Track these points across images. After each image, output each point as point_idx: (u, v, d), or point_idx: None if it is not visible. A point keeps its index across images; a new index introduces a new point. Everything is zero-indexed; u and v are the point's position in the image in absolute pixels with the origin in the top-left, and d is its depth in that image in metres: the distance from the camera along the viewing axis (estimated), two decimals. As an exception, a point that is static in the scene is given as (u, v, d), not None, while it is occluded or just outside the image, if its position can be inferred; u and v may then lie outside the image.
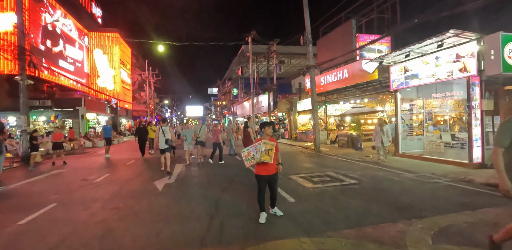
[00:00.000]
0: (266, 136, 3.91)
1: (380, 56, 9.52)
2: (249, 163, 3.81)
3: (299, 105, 19.59)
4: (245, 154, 3.85)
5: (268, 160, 3.75)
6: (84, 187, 6.17)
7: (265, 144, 3.76)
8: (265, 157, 3.73)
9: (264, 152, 3.74)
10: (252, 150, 3.79)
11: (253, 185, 5.89)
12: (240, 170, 8.03)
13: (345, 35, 12.99)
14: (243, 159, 3.83)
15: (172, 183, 6.37)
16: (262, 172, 3.84)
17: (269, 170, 3.84)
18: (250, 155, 3.81)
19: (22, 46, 10.68)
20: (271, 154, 3.76)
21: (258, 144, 3.79)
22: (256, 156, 3.76)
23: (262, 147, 3.75)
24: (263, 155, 3.73)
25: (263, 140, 3.81)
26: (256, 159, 3.75)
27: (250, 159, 3.79)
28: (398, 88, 10.13)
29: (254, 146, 3.80)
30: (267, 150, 3.76)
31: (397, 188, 5.54)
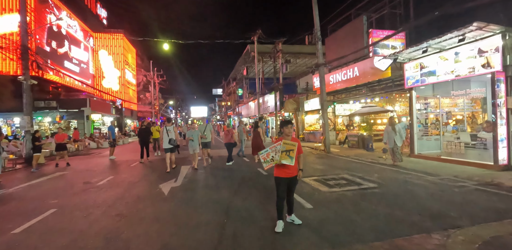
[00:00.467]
0: (286, 136, 3.56)
1: (395, 53, 9.07)
2: (268, 165, 3.45)
3: (307, 105, 19.15)
4: (263, 156, 3.48)
5: (289, 162, 3.38)
6: (86, 190, 5.85)
7: (285, 145, 3.39)
8: (285, 158, 3.37)
9: (285, 153, 3.37)
10: (271, 151, 3.43)
11: (265, 188, 5.57)
12: (249, 172, 7.65)
13: (355, 32, 12.55)
14: (261, 161, 3.47)
15: (179, 186, 6.02)
16: (282, 174, 3.49)
17: (289, 172, 3.49)
18: (269, 156, 3.44)
19: (25, 45, 10.48)
20: (293, 155, 3.40)
21: (277, 145, 3.42)
22: (275, 158, 3.40)
23: (282, 148, 3.38)
24: (283, 156, 3.37)
25: (283, 140, 3.43)
26: (275, 161, 3.40)
27: (269, 161, 3.43)
28: (413, 86, 9.66)
29: (273, 146, 3.45)
30: (288, 150, 3.39)
31: (421, 192, 5.10)
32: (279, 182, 3.53)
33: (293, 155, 3.40)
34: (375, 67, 11.06)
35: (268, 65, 30.31)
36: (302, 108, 19.97)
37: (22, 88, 10.65)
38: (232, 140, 9.34)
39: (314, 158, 10.33)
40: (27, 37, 10.64)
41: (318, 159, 10.08)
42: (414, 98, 9.91)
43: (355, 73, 12.62)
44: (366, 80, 12.04)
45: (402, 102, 18.13)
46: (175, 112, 61.12)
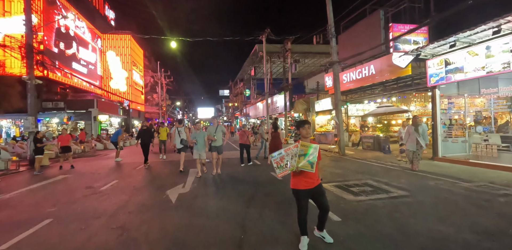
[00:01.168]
0: (304, 139, 2.96)
1: (418, 48, 8.42)
2: (282, 172, 2.84)
3: (317, 106, 18.53)
4: (276, 160, 2.88)
5: (308, 168, 2.78)
6: (88, 196, 5.40)
7: (303, 147, 2.81)
8: (304, 164, 2.77)
9: (303, 158, 2.79)
10: (286, 154, 2.85)
11: (282, 195, 4.99)
12: (262, 176, 7.10)
13: (371, 28, 11.92)
14: (274, 166, 2.88)
15: (187, 192, 5.52)
16: (301, 185, 2.89)
17: (310, 182, 2.89)
18: (283, 161, 2.85)
19: (30, 44, 10.19)
20: (314, 160, 2.80)
21: (294, 147, 2.85)
22: (291, 163, 2.81)
23: (300, 151, 2.81)
24: (301, 161, 2.78)
25: (300, 142, 2.86)
26: (291, 167, 2.80)
27: (283, 166, 2.84)
28: (437, 84, 8.98)
29: (288, 149, 2.86)
30: (308, 155, 2.80)
31: (463, 202, 4.47)
32: (299, 195, 2.92)
33: (314, 160, 2.80)
34: (394, 64, 10.40)
35: (276, 65, 29.80)
36: (312, 109, 19.35)
37: (27, 88, 10.36)
38: (248, 141, 9.02)
39: (329, 161, 9.73)
40: (32, 36, 10.36)
41: (334, 162, 9.47)
42: (438, 97, 9.22)
43: (371, 71, 11.97)
44: (383, 79, 11.39)
45: (418, 102, 17.35)
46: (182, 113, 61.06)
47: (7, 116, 19.90)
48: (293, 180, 2.96)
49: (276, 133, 8.73)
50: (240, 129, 9.51)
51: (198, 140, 7.08)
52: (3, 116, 19.35)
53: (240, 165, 8.96)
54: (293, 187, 2.95)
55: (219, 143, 7.39)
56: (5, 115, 19.53)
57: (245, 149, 8.99)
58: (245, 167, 8.63)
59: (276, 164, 2.88)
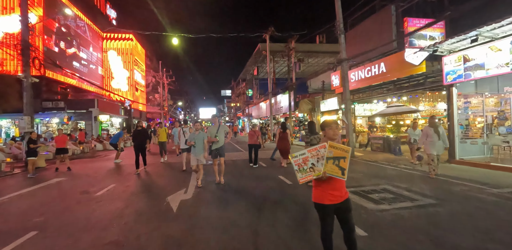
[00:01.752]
0: (329, 140, 2.46)
1: (435, 43, 7.90)
2: (304, 177, 2.32)
3: (323, 105, 18.01)
4: (298, 161, 2.35)
5: (339, 174, 2.26)
6: (81, 203, 4.93)
7: (333, 149, 2.28)
8: (333, 170, 2.25)
9: (332, 162, 2.27)
10: (310, 155, 2.32)
11: (294, 204, 4.47)
12: (270, 180, 6.61)
13: (381, 24, 11.40)
14: (295, 168, 2.35)
15: (190, 199, 5.04)
16: (326, 199, 2.35)
17: (337, 195, 2.36)
18: (306, 163, 2.32)
19: (26, 40, 9.77)
20: (344, 165, 2.27)
21: (321, 147, 2.31)
22: (317, 167, 2.29)
23: (329, 153, 2.27)
24: (329, 165, 2.25)
25: (329, 142, 2.32)
26: (317, 172, 2.28)
27: (306, 170, 2.31)
28: (454, 82, 8.46)
29: (314, 149, 2.33)
30: (337, 158, 2.27)
31: (501, 212, 3.96)
32: (324, 212, 2.40)
33: (345, 165, 2.28)
34: (406, 61, 9.88)
35: (279, 65, 29.32)
36: (318, 109, 18.83)
37: (22, 87, 9.95)
38: (258, 142, 8.71)
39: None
40: (28, 32, 9.94)
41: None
42: (455, 96, 8.70)
43: (381, 69, 11.45)
44: (395, 77, 10.86)
45: (427, 102, 16.82)
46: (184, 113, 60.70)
47: (7, 116, 19.54)
48: (316, 191, 2.46)
49: (285, 133, 8.27)
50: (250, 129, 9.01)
51: (197, 142, 6.04)
52: (2, 116, 18.97)
53: (246, 167, 8.55)
54: (317, 201, 2.44)
55: (220, 144, 6.40)
56: (4, 115, 19.17)
57: (253, 150, 8.72)
58: (251, 169, 8.15)
59: (298, 166, 2.34)
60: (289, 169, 8.22)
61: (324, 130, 2.54)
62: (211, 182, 6.50)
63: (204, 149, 6.11)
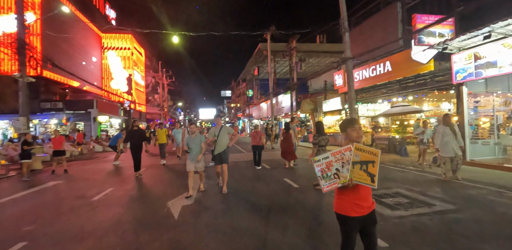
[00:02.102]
0: (352, 143, 2.15)
1: (445, 40, 7.62)
2: (329, 185, 2.01)
3: (325, 106, 17.73)
4: (321, 166, 2.05)
5: (368, 182, 1.97)
6: (76, 209, 4.63)
7: (359, 152, 1.99)
8: (360, 174, 1.97)
9: (359, 167, 1.98)
10: (335, 159, 2.03)
11: (304, 209, 4.11)
12: (275, 183, 6.31)
13: (387, 22, 11.15)
14: (318, 174, 2.04)
15: (192, 204, 4.74)
16: (352, 210, 2.05)
17: (364, 206, 2.07)
18: (330, 168, 2.02)
19: (21, 39, 9.49)
20: (373, 170, 1.98)
21: (346, 150, 2.02)
22: (342, 172, 2.00)
23: (355, 157, 1.99)
24: (356, 171, 1.97)
25: (355, 144, 2.03)
26: (342, 178, 1.98)
27: (330, 176, 2.01)
28: (464, 81, 8.17)
29: (338, 152, 2.03)
30: (365, 163, 1.98)
31: (529, 219, 3.67)
32: (348, 225, 2.09)
33: (374, 171, 1.99)
34: (414, 60, 9.62)
35: (279, 65, 29.05)
36: (320, 109, 18.56)
37: (18, 87, 9.65)
38: (261, 143, 8.48)
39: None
40: (24, 31, 9.65)
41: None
42: (465, 95, 8.42)
43: (386, 68, 11.18)
44: (401, 76, 10.59)
45: (431, 102, 16.55)
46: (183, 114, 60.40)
47: (4, 117, 19.25)
48: (339, 200, 2.15)
49: (288, 134, 7.99)
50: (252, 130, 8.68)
51: (193, 146, 5.31)
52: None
53: (249, 169, 8.31)
54: (340, 212, 2.12)
55: (222, 147, 5.57)
56: (1, 116, 18.89)
57: (257, 151, 8.52)
58: (254, 172, 7.86)
59: (321, 172, 2.04)
60: (294, 171, 7.93)
61: (345, 131, 2.24)
62: (214, 185, 6.20)
63: (202, 153, 5.34)
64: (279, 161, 9.77)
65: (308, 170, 8.05)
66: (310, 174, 7.46)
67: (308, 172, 7.83)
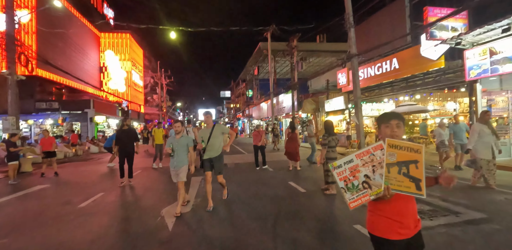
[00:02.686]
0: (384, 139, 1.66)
1: (459, 34, 7.18)
2: (357, 198, 1.51)
3: (328, 105, 17.27)
4: (344, 174, 1.56)
5: (411, 189, 1.46)
6: (58, 219, 4.13)
7: (395, 149, 1.50)
8: (399, 180, 1.48)
9: (397, 170, 1.49)
10: (361, 163, 1.54)
11: (315, 218, 3.49)
12: (279, 187, 5.83)
13: (393, 17, 10.70)
14: (340, 185, 1.55)
15: (188, 212, 4.25)
16: (394, 232, 1.55)
17: (408, 225, 1.57)
18: (356, 175, 1.54)
19: (11, 34, 9.01)
20: (418, 173, 1.46)
21: (377, 148, 1.54)
22: (374, 179, 1.50)
23: (390, 157, 1.50)
24: (393, 176, 1.48)
25: (387, 140, 1.54)
26: (375, 188, 1.49)
27: (358, 186, 1.52)
28: (479, 78, 7.72)
29: (366, 152, 1.55)
30: (404, 163, 1.49)
31: None
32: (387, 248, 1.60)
33: (419, 174, 1.46)
34: (423, 56, 9.16)
35: (279, 65, 28.61)
36: (322, 109, 18.10)
37: (7, 85, 9.16)
38: (263, 142, 8.20)
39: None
40: (14, 25, 9.18)
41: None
42: (479, 93, 7.97)
43: (393, 65, 10.72)
44: (409, 73, 10.13)
45: (436, 102, 16.12)
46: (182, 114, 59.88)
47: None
48: (373, 217, 1.65)
49: (294, 133, 7.53)
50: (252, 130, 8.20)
51: (177, 150, 4.19)
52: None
53: (251, 171, 7.86)
54: (375, 233, 1.62)
55: (216, 152, 4.41)
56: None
57: (260, 151, 8.22)
58: (257, 174, 7.37)
59: (344, 182, 1.54)
60: (298, 173, 7.45)
61: (379, 127, 1.76)
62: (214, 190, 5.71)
63: (189, 160, 4.27)
64: (282, 162, 9.30)
65: (313, 172, 7.58)
66: (316, 176, 6.99)
67: (314, 174, 7.36)
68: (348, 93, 14.37)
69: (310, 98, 19.36)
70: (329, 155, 5.06)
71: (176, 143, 4.23)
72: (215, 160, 4.41)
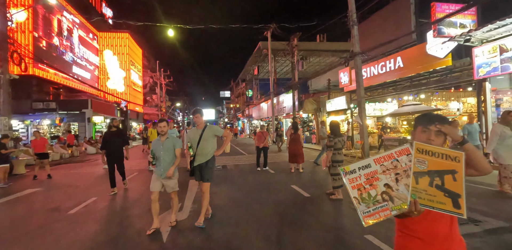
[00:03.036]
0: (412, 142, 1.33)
1: (469, 31, 6.89)
2: (373, 213, 1.21)
3: (329, 105, 16.98)
4: (358, 181, 1.26)
5: (447, 206, 1.15)
6: (44, 227, 3.83)
7: (425, 156, 1.20)
8: (430, 194, 1.17)
9: (427, 181, 1.18)
10: (380, 170, 1.25)
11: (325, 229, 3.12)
12: (282, 191, 5.53)
13: (398, 14, 10.42)
14: (351, 194, 1.25)
15: (185, 220, 3.95)
16: None
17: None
18: (374, 184, 1.24)
19: (3, 32, 8.70)
20: (456, 186, 1.15)
21: (401, 154, 1.25)
22: (398, 191, 1.20)
23: (419, 165, 1.19)
24: (422, 187, 1.18)
25: (415, 143, 1.22)
26: (398, 201, 1.19)
27: (377, 198, 1.23)
28: (488, 76, 7.43)
29: (389, 156, 1.26)
30: (437, 173, 1.18)
31: None
32: None
33: (458, 187, 1.16)
34: (429, 54, 8.87)
35: (280, 65, 28.34)
36: (323, 109, 17.80)
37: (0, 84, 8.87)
38: (267, 144, 7.99)
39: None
40: (6, 22, 8.87)
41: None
42: (488, 92, 7.68)
43: (397, 64, 10.42)
44: (414, 72, 9.83)
45: (439, 101, 15.84)
46: (182, 115, 59.57)
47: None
48: (401, 239, 1.35)
49: (296, 134, 7.25)
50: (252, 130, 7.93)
51: (162, 154, 3.62)
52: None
53: (251, 173, 7.61)
54: None
55: (205, 157, 3.77)
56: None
57: (262, 152, 8.05)
58: (258, 177, 7.07)
59: (358, 191, 1.25)
60: (300, 176, 7.15)
61: (415, 129, 1.44)
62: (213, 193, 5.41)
63: (174, 165, 3.66)
64: (283, 164, 9.01)
65: (316, 175, 7.29)
66: (319, 179, 6.70)
67: (317, 177, 7.07)
68: (350, 92, 14.09)
69: (311, 98, 19.07)
70: (335, 157, 4.76)
71: (160, 147, 3.62)
72: (203, 165, 3.76)
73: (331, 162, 4.77)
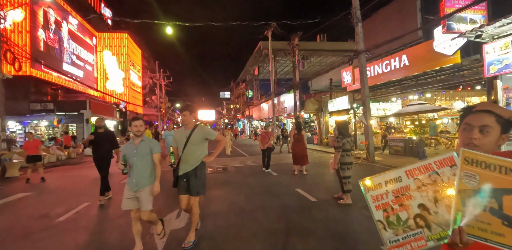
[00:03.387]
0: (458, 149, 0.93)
1: (480, 26, 6.58)
2: (404, 242, 0.89)
3: (331, 105, 16.68)
4: (384, 200, 0.95)
5: (505, 239, 0.76)
6: (29, 237, 3.52)
7: (476, 168, 0.83)
8: (484, 222, 0.80)
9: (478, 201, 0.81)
10: (416, 185, 0.92)
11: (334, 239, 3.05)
12: (286, 194, 5.21)
13: (403, 11, 10.13)
14: (374, 216, 0.95)
15: (183, 228, 3.64)
16: None
17: None
18: (405, 205, 0.92)
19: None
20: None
21: (442, 165, 0.91)
22: (436, 214, 0.87)
23: (468, 181, 0.83)
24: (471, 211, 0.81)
25: (462, 151, 0.86)
26: (436, 229, 0.86)
27: (409, 223, 0.91)
28: (500, 74, 7.13)
29: (426, 168, 0.93)
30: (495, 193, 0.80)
31: None
32: None
33: None
34: (436, 52, 8.58)
35: (280, 65, 28.07)
36: (325, 109, 17.51)
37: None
38: (271, 145, 7.87)
39: (362, 170, 7.84)
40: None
41: (367, 171, 7.59)
42: (499, 90, 7.37)
43: (402, 62, 10.12)
44: (420, 70, 9.53)
45: (443, 101, 15.55)
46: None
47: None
48: None
49: (300, 135, 6.94)
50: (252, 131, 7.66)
51: (135, 161, 2.88)
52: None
53: (253, 175, 7.36)
54: None
55: (191, 164, 3.09)
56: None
57: (266, 153, 7.98)
58: (260, 180, 6.76)
59: (384, 212, 0.95)
60: (305, 178, 6.84)
61: (460, 127, 1.13)
62: (212, 197, 5.10)
63: (156, 175, 2.96)
64: (286, 165, 8.71)
65: (321, 177, 6.98)
66: (324, 182, 6.38)
67: (321, 179, 6.75)
68: (353, 92, 13.79)
69: (312, 98, 18.78)
70: (344, 159, 4.45)
71: (133, 151, 2.85)
72: (190, 174, 3.03)
73: (339, 164, 4.46)
